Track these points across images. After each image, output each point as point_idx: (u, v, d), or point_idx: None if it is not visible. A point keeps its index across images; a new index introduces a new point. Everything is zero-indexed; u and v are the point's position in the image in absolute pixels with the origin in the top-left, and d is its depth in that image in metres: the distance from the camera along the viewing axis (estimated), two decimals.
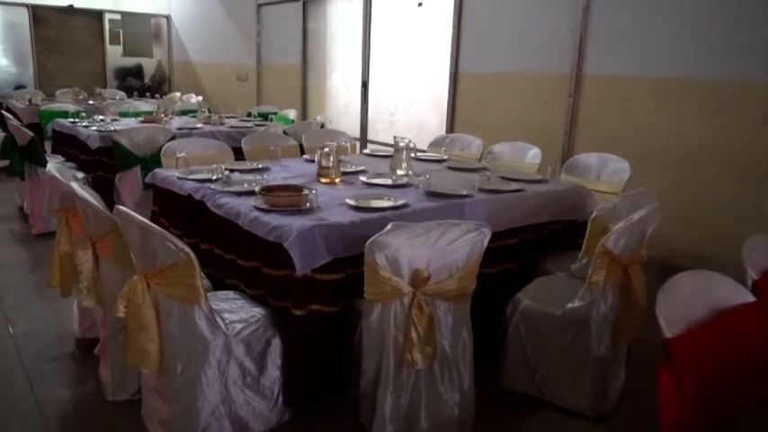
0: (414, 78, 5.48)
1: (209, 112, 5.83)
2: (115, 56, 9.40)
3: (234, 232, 2.30)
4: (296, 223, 2.04)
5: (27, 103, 6.87)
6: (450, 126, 4.97)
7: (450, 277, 1.92)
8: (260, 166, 3.13)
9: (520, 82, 4.50)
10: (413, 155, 3.71)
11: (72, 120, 5.12)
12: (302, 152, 3.93)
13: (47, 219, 4.30)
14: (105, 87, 8.93)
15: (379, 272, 1.84)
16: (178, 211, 2.76)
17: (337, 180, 2.82)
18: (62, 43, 8.95)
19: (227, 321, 1.95)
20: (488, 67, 4.69)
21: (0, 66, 8.43)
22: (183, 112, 6.19)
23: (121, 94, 8.69)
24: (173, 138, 4.33)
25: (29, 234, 4.36)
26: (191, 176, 2.78)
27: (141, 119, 5.49)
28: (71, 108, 5.81)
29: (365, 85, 5.83)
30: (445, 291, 1.93)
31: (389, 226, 1.84)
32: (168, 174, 2.89)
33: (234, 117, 5.90)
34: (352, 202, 2.33)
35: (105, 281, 2.22)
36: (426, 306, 1.89)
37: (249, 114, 6.31)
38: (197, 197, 2.54)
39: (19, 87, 8.29)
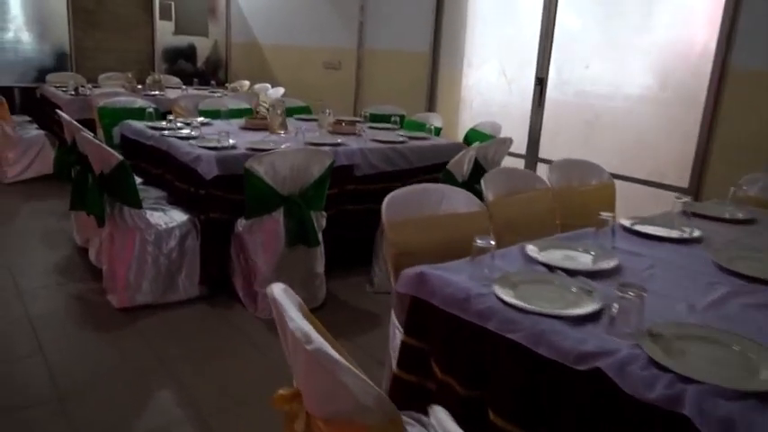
0: (634, 73, 3.88)
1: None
2: (165, 33, 7.80)
3: None
4: None
5: (72, 92, 5.33)
6: (705, 148, 3.42)
7: None
8: (610, 262, 1.61)
9: None
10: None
11: (153, 125, 3.59)
12: None
13: (134, 287, 2.79)
14: (153, 71, 7.36)
15: None
16: (517, 388, 1.24)
17: None
18: (103, 15, 7.36)
19: None
20: None
21: (29, 42, 6.75)
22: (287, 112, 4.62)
23: (176, 80, 7.17)
24: (332, 164, 2.81)
25: (105, 305, 2.83)
26: (537, 308, 1.26)
27: (243, 123, 3.96)
28: (144, 104, 4.26)
29: (541, 82, 4.26)
30: None
31: None
32: (468, 287, 1.38)
33: (358, 121, 4.36)
34: None
35: None
36: None
37: (367, 117, 4.76)
38: (628, 391, 1.02)
39: (58, 70, 6.69)
